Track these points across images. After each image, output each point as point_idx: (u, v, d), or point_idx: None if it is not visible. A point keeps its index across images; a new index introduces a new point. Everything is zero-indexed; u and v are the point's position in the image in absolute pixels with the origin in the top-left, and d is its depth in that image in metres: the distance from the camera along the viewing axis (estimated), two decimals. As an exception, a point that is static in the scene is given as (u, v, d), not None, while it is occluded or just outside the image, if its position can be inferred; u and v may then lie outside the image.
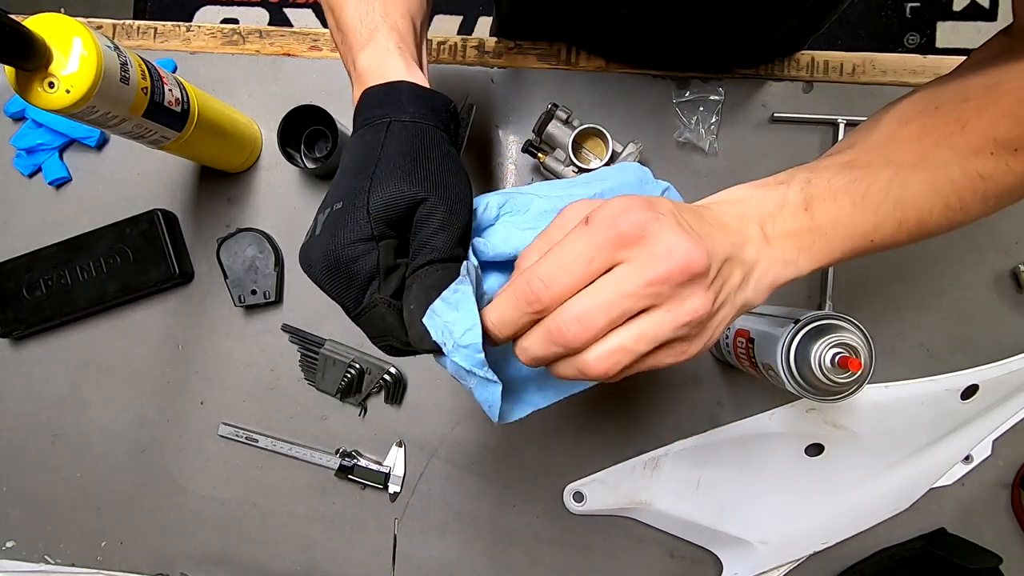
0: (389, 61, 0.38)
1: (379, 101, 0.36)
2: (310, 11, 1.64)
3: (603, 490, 0.63)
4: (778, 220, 0.34)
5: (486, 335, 0.30)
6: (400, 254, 0.34)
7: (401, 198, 0.32)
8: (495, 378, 0.31)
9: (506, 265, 0.36)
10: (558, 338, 0.28)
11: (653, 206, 0.28)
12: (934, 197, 0.37)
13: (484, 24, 1.60)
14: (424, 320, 0.31)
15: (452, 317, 0.30)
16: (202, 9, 1.65)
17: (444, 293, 0.31)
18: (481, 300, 0.33)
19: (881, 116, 0.41)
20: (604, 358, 0.28)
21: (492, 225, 0.36)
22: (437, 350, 0.31)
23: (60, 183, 0.68)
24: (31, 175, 0.68)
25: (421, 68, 0.41)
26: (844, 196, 0.35)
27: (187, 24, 0.68)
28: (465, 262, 0.33)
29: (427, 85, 0.39)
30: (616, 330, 0.28)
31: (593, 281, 0.28)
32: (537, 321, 0.29)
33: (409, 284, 0.32)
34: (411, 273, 0.32)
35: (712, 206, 0.34)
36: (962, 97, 0.38)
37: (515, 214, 0.36)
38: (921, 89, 0.41)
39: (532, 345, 0.29)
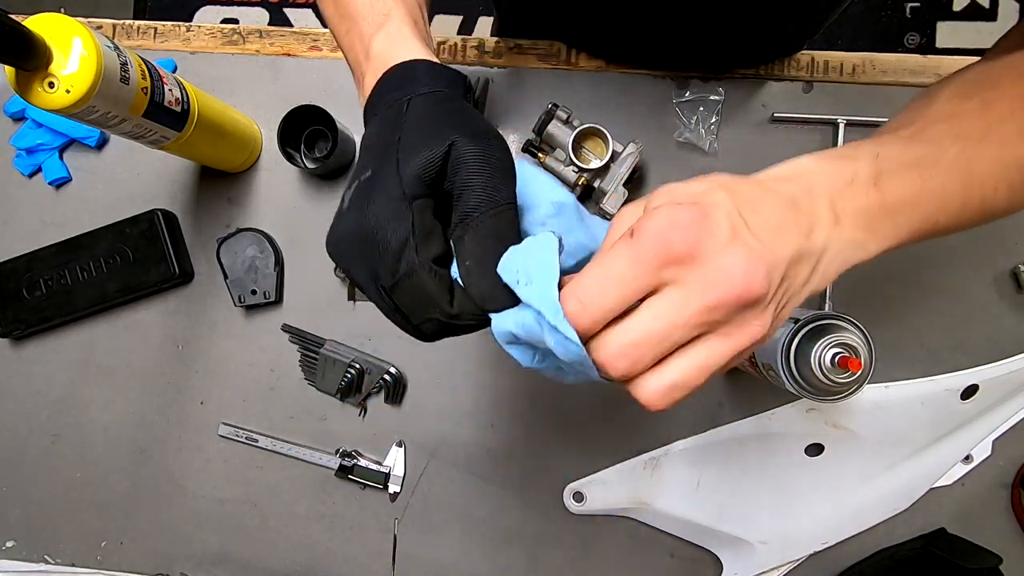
0: (406, 43, 0.37)
1: (398, 82, 0.35)
2: (310, 11, 1.64)
3: (603, 490, 0.63)
4: (848, 196, 0.30)
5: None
6: (442, 222, 0.30)
7: (433, 154, 0.29)
8: (576, 339, 0.26)
9: None
10: (604, 373, 0.26)
11: (707, 215, 0.25)
12: (1000, 174, 0.34)
13: (484, 24, 1.60)
14: (498, 268, 0.27)
15: (532, 263, 0.26)
16: (202, 9, 1.65)
17: (525, 242, 0.27)
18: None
19: (937, 91, 0.38)
20: (659, 397, 0.26)
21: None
22: (503, 308, 0.27)
23: (60, 183, 0.68)
24: (31, 175, 0.68)
25: (425, 41, 0.40)
26: (914, 171, 0.32)
27: (187, 24, 0.68)
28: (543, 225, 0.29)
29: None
30: (669, 361, 0.26)
31: (638, 301, 0.26)
32: None
33: (459, 236, 0.28)
34: (457, 226, 0.28)
35: (778, 183, 0.30)
36: (1018, 73, 0.36)
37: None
38: (974, 66, 0.39)
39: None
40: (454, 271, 0.29)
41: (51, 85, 0.44)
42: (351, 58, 0.40)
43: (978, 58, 0.42)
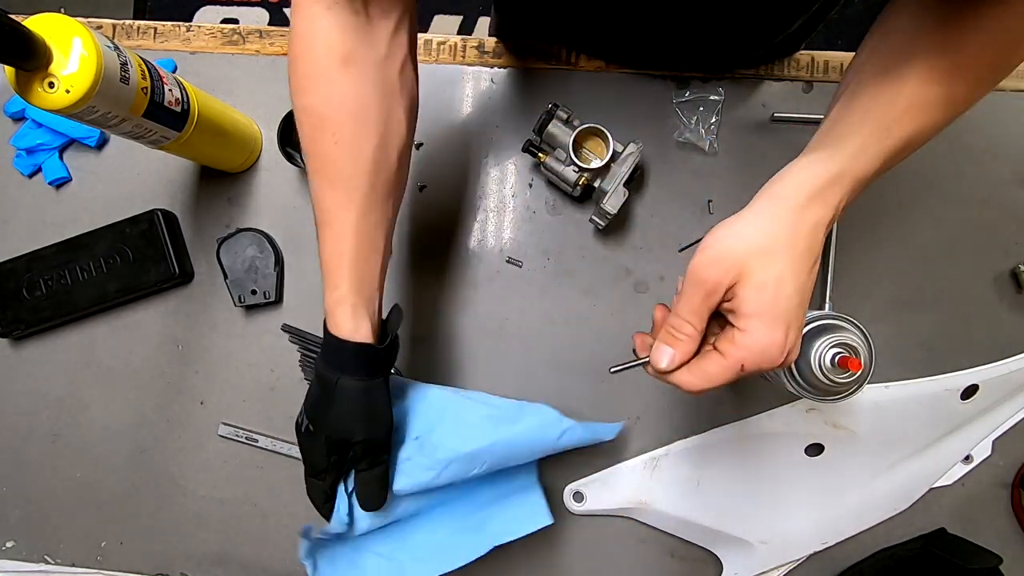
0: (344, 317, 0.47)
1: (334, 352, 0.48)
2: (310, 11, 1.64)
3: (603, 490, 0.63)
4: (833, 208, 0.39)
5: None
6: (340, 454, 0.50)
7: (344, 437, 0.48)
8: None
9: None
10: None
11: (786, 353, 0.38)
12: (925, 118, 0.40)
13: (484, 24, 1.60)
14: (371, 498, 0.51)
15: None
16: (202, 9, 1.65)
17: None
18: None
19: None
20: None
21: (404, 462, 0.53)
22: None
23: (60, 183, 0.68)
24: (31, 175, 0.68)
25: (376, 304, 0.50)
26: (880, 162, 0.39)
27: (187, 24, 0.68)
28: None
29: (369, 337, 0.48)
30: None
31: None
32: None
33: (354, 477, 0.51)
34: (352, 472, 0.51)
35: (801, 242, 0.38)
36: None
37: (423, 455, 0.53)
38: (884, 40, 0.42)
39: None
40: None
41: (51, 85, 0.44)
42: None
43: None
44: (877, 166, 0.39)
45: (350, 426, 0.48)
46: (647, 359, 0.42)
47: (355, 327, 0.47)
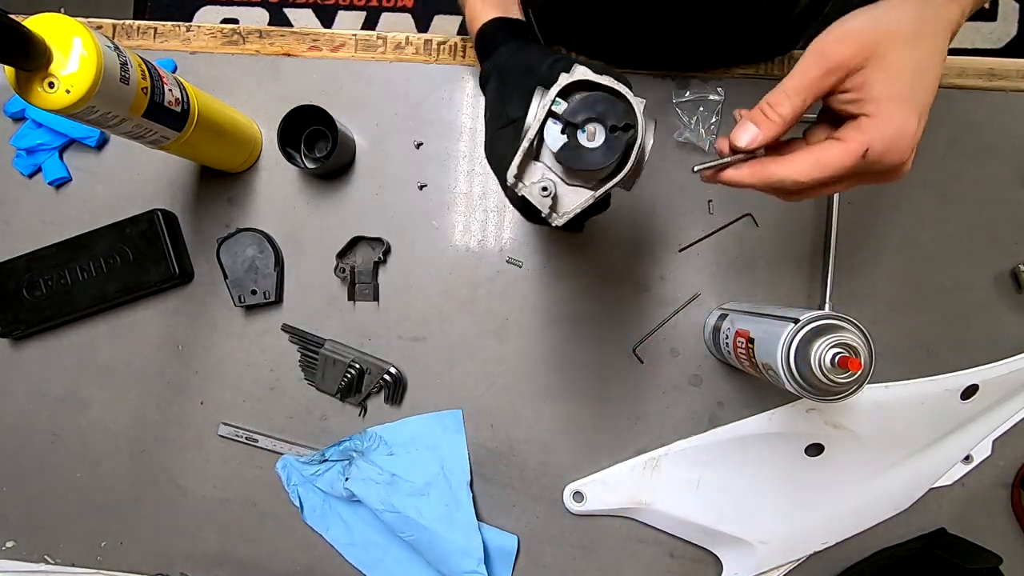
0: (482, 10, 0.50)
1: (485, 40, 0.49)
2: (310, 11, 1.64)
3: (603, 490, 0.63)
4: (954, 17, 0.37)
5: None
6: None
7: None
8: None
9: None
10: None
11: (910, 156, 0.36)
12: None
13: (484, 24, 1.60)
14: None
15: None
16: (202, 9, 1.65)
17: None
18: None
19: None
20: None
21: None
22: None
23: (60, 183, 0.68)
24: (31, 175, 0.68)
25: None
26: None
27: (187, 24, 0.68)
28: None
29: (519, 14, 0.50)
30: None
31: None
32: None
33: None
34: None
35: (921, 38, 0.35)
36: None
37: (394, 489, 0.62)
38: None
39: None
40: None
41: (51, 85, 0.44)
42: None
43: None
44: None
45: (525, 70, 0.43)
46: (731, 160, 0.37)
47: (491, 12, 0.50)
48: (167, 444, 0.66)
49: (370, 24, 1.62)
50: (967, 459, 0.62)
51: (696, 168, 0.39)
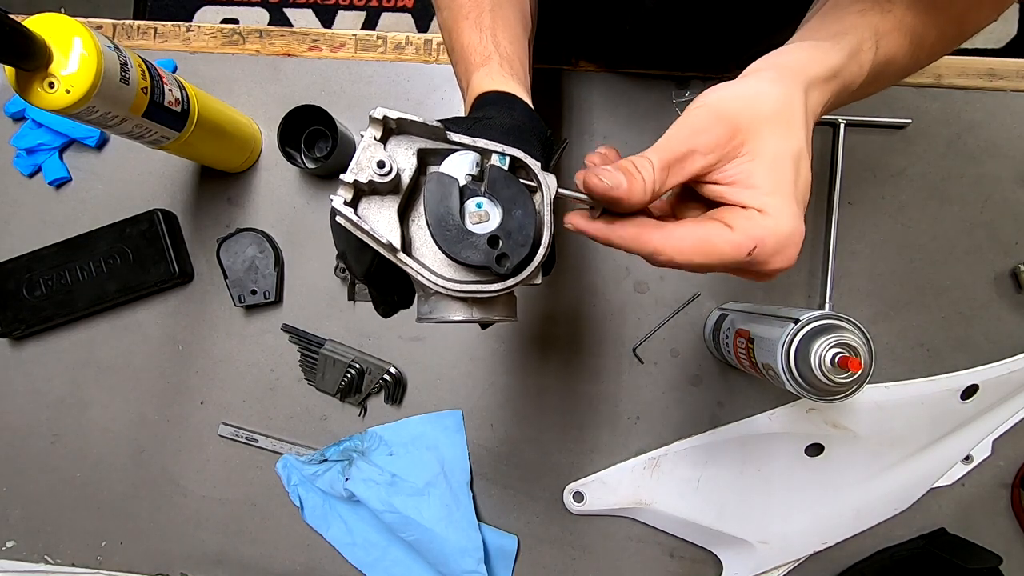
0: (504, 82, 0.42)
1: (495, 100, 0.41)
2: (310, 11, 1.64)
3: (603, 490, 0.63)
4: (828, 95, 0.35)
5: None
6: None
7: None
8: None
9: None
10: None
11: (795, 252, 0.32)
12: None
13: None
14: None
15: None
16: (202, 9, 1.65)
17: None
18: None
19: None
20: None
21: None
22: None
23: (60, 183, 0.68)
24: (31, 175, 0.68)
25: (526, 88, 0.44)
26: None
27: (187, 24, 0.68)
28: None
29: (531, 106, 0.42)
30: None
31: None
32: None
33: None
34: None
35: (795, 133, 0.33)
36: None
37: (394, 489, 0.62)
38: None
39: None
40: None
41: (51, 85, 0.44)
42: (459, 82, 0.46)
43: None
44: (863, 78, 0.36)
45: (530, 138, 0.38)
46: (586, 198, 0.32)
47: (503, 82, 0.42)
48: (167, 444, 0.66)
49: (370, 24, 1.62)
50: (967, 459, 0.62)
51: (557, 192, 0.34)
